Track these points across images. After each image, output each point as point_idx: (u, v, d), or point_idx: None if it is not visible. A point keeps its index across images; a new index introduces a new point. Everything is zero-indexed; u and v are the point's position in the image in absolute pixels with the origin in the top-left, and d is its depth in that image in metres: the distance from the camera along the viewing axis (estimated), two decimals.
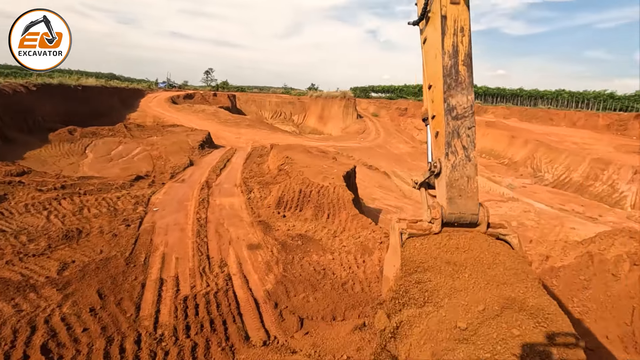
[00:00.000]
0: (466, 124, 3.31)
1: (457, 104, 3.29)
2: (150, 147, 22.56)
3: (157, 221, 9.96)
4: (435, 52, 3.42)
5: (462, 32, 3.33)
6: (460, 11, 3.32)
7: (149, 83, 74.92)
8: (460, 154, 3.27)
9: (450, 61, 3.31)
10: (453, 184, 3.22)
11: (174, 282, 6.89)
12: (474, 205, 3.24)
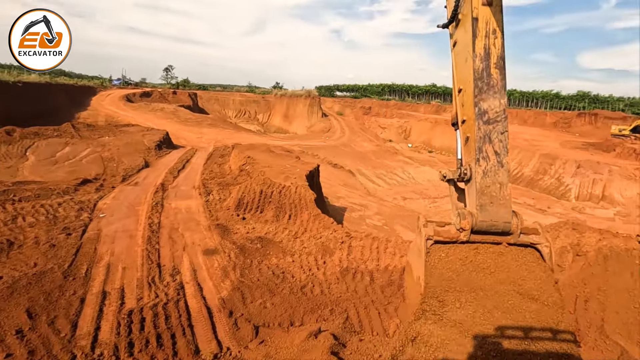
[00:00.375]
0: (498, 128, 3.18)
1: (488, 108, 3.17)
2: (101, 148, 21.12)
3: (104, 228, 9.23)
4: (465, 55, 3.30)
5: (495, 34, 3.20)
6: (493, 13, 3.18)
7: (102, 80, 70.58)
8: (492, 159, 3.13)
9: (482, 64, 3.18)
10: (484, 191, 3.08)
11: (118, 294, 6.36)
12: (507, 213, 3.06)
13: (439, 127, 52.72)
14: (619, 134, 45.45)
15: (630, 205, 27.53)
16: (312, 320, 6.02)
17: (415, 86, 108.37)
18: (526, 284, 3.15)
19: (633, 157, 35.77)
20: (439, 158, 44.67)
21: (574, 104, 78.54)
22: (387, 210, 23.26)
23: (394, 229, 19.79)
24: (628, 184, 29.53)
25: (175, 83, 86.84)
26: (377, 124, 62.85)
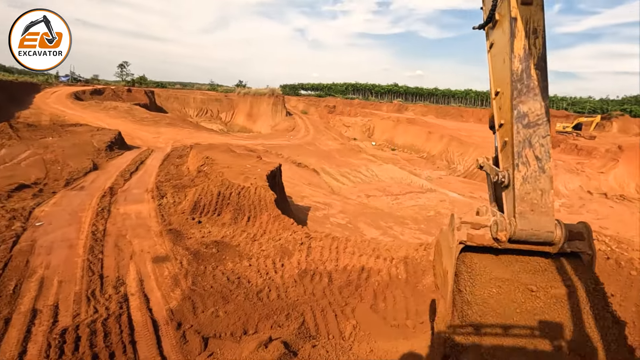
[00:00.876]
0: (540, 132, 2.95)
1: (528, 111, 2.98)
2: (44, 150, 19.42)
3: (39, 238, 8.41)
4: (503, 56, 3.11)
5: (535, 34, 3.03)
6: (533, 12, 3.00)
7: (47, 76, 65.31)
8: (533, 165, 2.89)
9: (521, 65, 3.03)
10: (524, 198, 2.82)
11: (51, 312, 5.77)
12: (550, 222, 2.77)
13: (401, 126, 54.10)
14: (562, 131, 49.04)
15: (573, 196, 29.75)
16: (266, 327, 5.80)
17: (378, 85, 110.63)
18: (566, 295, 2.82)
19: (575, 152, 38.71)
20: (402, 156, 45.82)
21: None
22: (351, 208, 23.42)
23: (357, 226, 19.94)
24: (571, 177, 31.91)
25: (131, 80, 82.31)
26: (341, 122, 63.37)
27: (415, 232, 20.32)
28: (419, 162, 42.21)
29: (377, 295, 6.88)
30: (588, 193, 29.96)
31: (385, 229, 19.85)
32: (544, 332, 2.64)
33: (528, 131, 2.91)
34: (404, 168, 38.75)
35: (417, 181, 32.76)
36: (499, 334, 2.69)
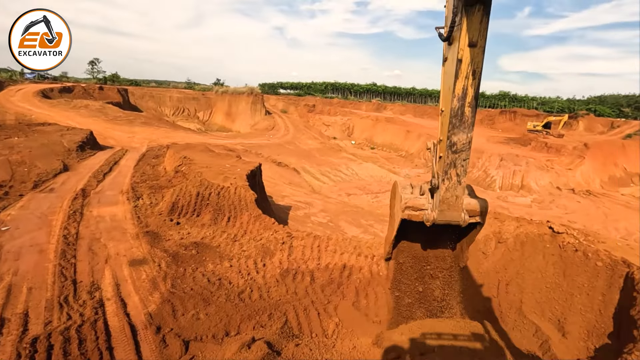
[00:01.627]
0: (462, 156, 4.00)
1: (457, 141, 3.88)
2: (9, 150, 18.39)
3: (6, 244, 7.99)
4: (450, 85, 3.74)
5: (474, 75, 3.62)
6: (476, 53, 3.54)
7: (11, 73, 61.90)
8: (454, 179, 4.08)
9: (458, 103, 3.72)
10: (444, 201, 4.17)
11: (21, 320, 5.49)
12: (458, 214, 4.28)
13: (380, 125, 54.72)
14: (533, 129, 51.04)
15: (543, 192, 31.03)
16: (249, 327, 5.75)
17: (357, 85, 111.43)
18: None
19: (545, 150, 40.36)
20: (381, 154, 46.36)
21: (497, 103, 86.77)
22: (332, 207, 23.51)
23: (338, 225, 20.05)
24: (541, 174, 33.28)
25: (103, 78, 79.36)
26: (321, 121, 63.44)
27: None
28: (397, 160, 42.87)
29: (359, 293, 6.95)
30: (557, 189, 31.35)
31: (366, 227, 20.06)
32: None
33: (455, 155, 3.98)
34: (384, 166, 39.27)
35: (396, 179, 33.25)
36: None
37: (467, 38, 3.45)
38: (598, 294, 5.65)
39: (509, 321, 5.79)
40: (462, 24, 3.42)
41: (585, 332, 5.32)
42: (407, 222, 4.51)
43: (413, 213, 4.38)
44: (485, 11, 3.43)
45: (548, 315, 5.75)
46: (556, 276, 6.23)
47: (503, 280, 6.56)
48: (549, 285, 6.18)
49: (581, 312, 5.60)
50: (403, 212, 4.40)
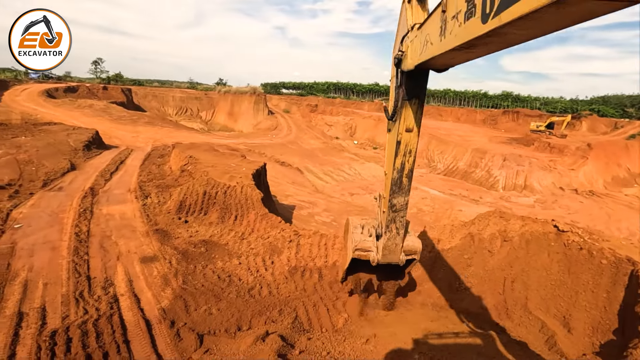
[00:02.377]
0: (401, 214, 4.74)
1: (397, 203, 4.64)
2: (16, 150, 18.61)
3: (19, 241, 8.15)
4: (391, 154, 4.43)
5: (410, 153, 4.40)
6: (412, 137, 4.32)
7: (16, 73, 62.29)
8: (394, 232, 4.89)
9: (397, 175, 4.48)
10: (386, 247, 4.99)
11: (38, 314, 5.65)
12: (397, 257, 5.14)
13: (382, 125, 54.76)
14: (536, 129, 51.00)
15: (546, 192, 31.06)
16: (260, 322, 5.88)
17: (359, 85, 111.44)
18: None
19: (548, 150, 40.36)
20: (383, 154, 46.44)
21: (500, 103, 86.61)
22: (335, 207, 23.63)
23: (342, 224, 20.12)
24: (544, 174, 33.29)
25: (106, 77, 79.69)
26: (323, 121, 63.53)
27: None
28: None
29: None
30: (560, 189, 31.37)
31: None
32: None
33: (394, 214, 4.75)
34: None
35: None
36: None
37: (405, 125, 4.21)
38: (603, 291, 5.75)
39: (515, 317, 5.90)
40: (401, 113, 4.12)
41: (590, 329, 5.43)
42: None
43: (362, 254, 5.23)
44: (420, 104, 4.15)
45: (553, 311, 5.85)
46: (561, 274, 6.33)
47: (509, 277, 6.66)
48: (553, 282, 6.28)
49: (586, 309, 5.71)
50: (354, 253, 5.20)
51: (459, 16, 2.29)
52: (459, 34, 2.32)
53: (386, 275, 5.89)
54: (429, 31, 2.98)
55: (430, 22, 2.98)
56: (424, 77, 4.04)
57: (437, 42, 2.77)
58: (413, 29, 3.55)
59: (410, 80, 3.97)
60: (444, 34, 2.59)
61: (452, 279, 7.11)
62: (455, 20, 2.37)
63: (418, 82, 4.02)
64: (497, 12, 1.80)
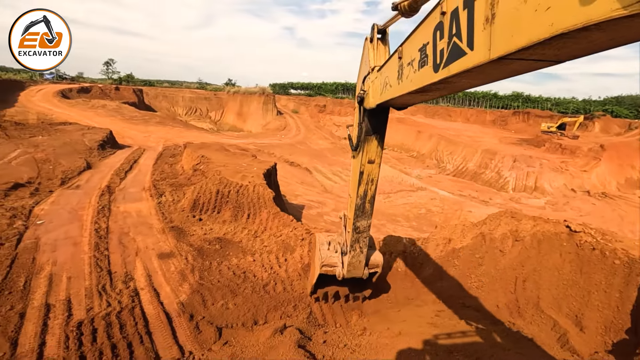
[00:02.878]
0: (364, 235, 5.18)
1: (360, 225, 5.06)
2: (34, 149, 19.15)
3: (42, 236, 8.46)
4: (355, 181, 4.73)
5: (372, 182, 4.69)
6: (373, 168, 4.59)
7: (31, 74, 63.67)
8: (358, 250, 5.34)
9: (361, 201, 4.79)
10: (351, 263, 5.43)
11: (64, 306, 5.90)
12: (361, 271, 5.59)
13: (390, 125, 54.35)
14: (547, 130, 50.40)
15: (557, 194, 30.72)
16: (276, 317, 6.05)
17: None
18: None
19: (559, 151, 39.88)
20: (392, 155, 46.38)
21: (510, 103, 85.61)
22: (344, 207, 23.74)
23: None
24: (555, 176, 32.92)
25: (118, 78, 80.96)
26: (332, 121, 63.67)
27: (407, 229, 20.76)
28: (408, 161, 42.86)
29: (379, 287, 7.19)
30: (572, 191, 31.00)
31: (378, 227, 20.24)
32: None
33: (358, 235, 5.16)
34: (395, 167, 39.29)
35: (407, 180, 33.32)
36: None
37: (367, 157, 4.49)
38: (615, 291, 5.79)
39: (527, 316, 5.96)
40: (364, 147, 4.40)
41: (603, 328, 5.47)
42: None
43: (328, 269, 5.64)
44: (381, 139, 4.46)
45: (565, 311, 5.90)
46: (573, 273, 6.37)
47: (520, 276, 6.72)
48: (566, 282, 6.32)
49: (598, 309, 5.74)
50: (321, 269, 5.58)
51: (413, 63, 2.50)
52: (414, 80, 2.52)
53: (353, 286, 6.29)
54: (388, 74, 3.20)
55: (388, 65, 3.21)
56: (384, 114, 4.30)
57: (395, 85, 2.99)
58: (374, 71, 3.81)
59: (372, 117, 4.23)
60: (402, 78, 2.80)
61: (464, 277, 7.19)
62: (410, 67, 2.57)
63: (379, 119, 4.30)
64: (446, 63, 2.00)
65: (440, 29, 2.04)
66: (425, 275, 7.54)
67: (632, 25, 1.03)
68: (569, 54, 1.45)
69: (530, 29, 1.33)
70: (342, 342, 4.90)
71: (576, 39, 1.23)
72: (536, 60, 1.55)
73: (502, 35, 1.50)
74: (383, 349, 4.19)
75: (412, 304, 6.40)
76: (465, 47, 1.78)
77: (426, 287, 7.12)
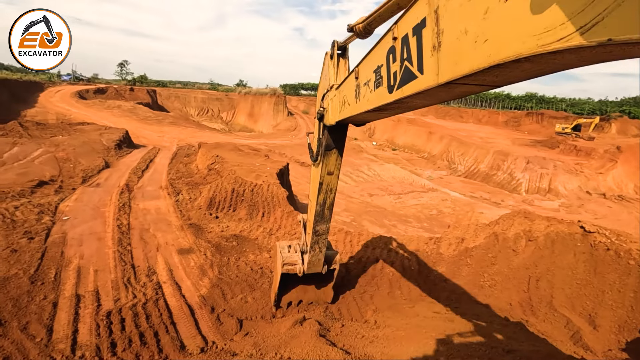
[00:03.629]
0: (323, 237, 5.47)
1: (320, 229, 5.32)
2: (55, 148, 19.79)
3: (69, 231, 8.84)
4: (315, 189, 4.97)
5: (331, 191, 5.02)
6: (332, 179, 4.88)
7: (50, 75, 65.44)
8: (317, 250, 5.62)
9: (320, 208, 5.06)
10: (310, 262, 5.73)
11: (93, 297, 6.22)
12: (319, 267, 5.88)
13: (401, 126, 54.56)
14: (562, 132, 49.65)
15: (572, 196, 30.29)
16: (293, 311, 6.26)
17: None
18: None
19: (574, 153, 39.27)
20: (403, 155, 46.29)
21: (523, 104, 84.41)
22: (354, 207, 23.90)
23: (361, 224, 20.40)
24: (570, 178, 32.45)
25: (132, 79, 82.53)
26: None
27: (419, 230, 20.79)
28: (419, 162, 42.72)
29: (393, 285, 7.35)
30: (587, 193, 30.53)
31: (389, 227, 20.32)
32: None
33: (318, 237, 5.43)
34: (405, 168, 39.22)
35: (418, 181, 33.26)
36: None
37: (327, 169, 4.72)
38: (629, 291, 5.84)
39: (540, 314, 6.04)
40: (323, 160, 4.62)
41: (617, 326, 5.53)
42: (286, 275, 5.93)
43: (289, 267, 5.84)
44: (340, 152, 4.67)
45: (579, 309, 5.97)
46: (587, 273, 6.43)
47: (533, 276, 6.80)
48: (579, 281, 6.38)
49: (612, 308, 5.80)
50: (282, 268, 5.80)
51: (369, 84, 2.61)
52: (370, 99, 2.62)
53: (317, 284, 6.47)
54: (346, 92, 3.31)
55: (346, 84, 3.32)
56: (343, 131, 4.48)
57: (353, 103, 3.10)
58: (332, 89, 3.93)
59: (332, 133, 4.41)
60: (359, 97, 2.90)
61: (477, 276, 7.29)
62: (367, 87, 2.68)
63: (338, 134, 4.48)
64: (399, 85, 2.11)
65: (392, 53, 2.14)
66: (438, 273, 7.66)
67: (555, 58, 1.17)
68: (505, 81, 1.59)
69: (470, 58, 1.44)
70: (359, 333, 5.07)
71: (510, 69, 1.36)
72: (479, 85, 1.69)
73: (447, 63, 1.61)
74: (400, 340, 4.35)
75: (426, 300, 6.54)
76: (416, 71, 1.88)
77: (439, 285, 7.24)
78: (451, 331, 4.59)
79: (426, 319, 5.27)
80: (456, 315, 5.47)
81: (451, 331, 4.59)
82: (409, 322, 5.13)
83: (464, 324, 4.94)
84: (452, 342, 4.24)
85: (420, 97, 2.03)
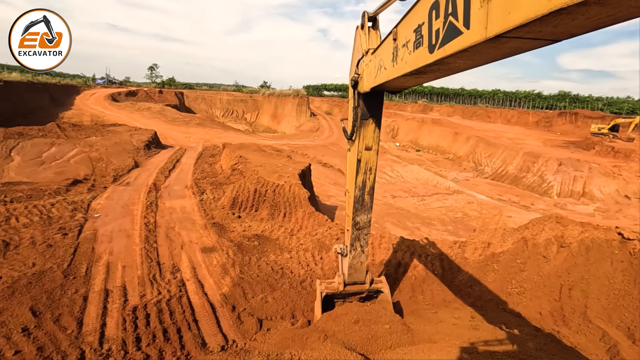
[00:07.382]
0: (364, 232, 4.98)
1: (360, 220, 4.83)
2: (89, 148, 20.78)
3: (100, 228, 9.23)
4: (352, 173, 4.60)
5: (371, 171, 4.56)
6: (371, 155, 4.46)
7: (85, 79, 68.87)
8: (359, 249, 5.10)
9: (360, 192, 4.64)
10: (352, 265, 5.20)
11: (121, 292, 6.44)
12: (362, 275, 5.38)
13: (425, 127, 53.53)
14: (598, 132, 47.10)
15: (609, 201, 28.64)
16: None
17: None
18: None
19: (611, 155, 37.17)
20: (427, 157, 45.40)
21: (555, 104, 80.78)
22: (376, 208, 23.59)
23: (384, 226, 20.12)
24: (607, 181, 30.69)
25: (161, 82, 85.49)
26: None
27: (443, 233, 20.28)
28: (444, 163, 41.72)
29: (415, 289, 7.18)
30: (625, 198, 28.77)
31: (412, 230, 19.94)
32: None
33: (358, 232, 4.93)
34: (430, 169, 38.40)
35: (443, 182, 32.47)
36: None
37: (364, 143, 4.36)
38: None
39: (573, 325, 5.71)
40: (360, 132, 4.29)
41: None
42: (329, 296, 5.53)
43: (328, 286, 5.48)
44: (377, 123, 4.33)
45: (616, 322, 5.60)
46: (625, 283, 6.02)
47: (566, 284, 6.44)
48: (617, 292, 5.99)
49: None
50: (322, 295, 5.43)
51: (408, 45, 2.46)
52: (409, 62, 2.48)
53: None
54: (382, 56, 3.14)
55: (383, 48, 3.15)
56: (379, 98, 4.24)
57: (390, 67, 2.94)
58: (368, 54, 3.74)
59: (367, 101, 4.18)
60: (396, 60, 2.75)
61: (504, 282, 6.99)
62: (405, 48, 2.53)
63: (374, 103, 4.23)
64: (442, 44, 1.97)
65: (436, 9, 2.02)
66: (463, 278, 7.41)
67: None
68: (566, 32, 1.41)
69: (527, 5, 1.30)
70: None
71: (573, 15, 1.21)
72: (533, 39, 1.51)
73: (498, 13, 1.47)
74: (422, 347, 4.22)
75: (450, 307, 6.34)
76: (462, 26, 1.76)
77: (464, 290, 7.00)
78: (476, 339, 4.41)
79: (450, 326, 5.10)
80: (482, 323, 5.26)
81: (476, 339, 4.41)
82: (432, 328, 4.98)
83: (490, 332, 4.73)
84: (477, 351, 4.07)
85: (464, 57, 1.90)
